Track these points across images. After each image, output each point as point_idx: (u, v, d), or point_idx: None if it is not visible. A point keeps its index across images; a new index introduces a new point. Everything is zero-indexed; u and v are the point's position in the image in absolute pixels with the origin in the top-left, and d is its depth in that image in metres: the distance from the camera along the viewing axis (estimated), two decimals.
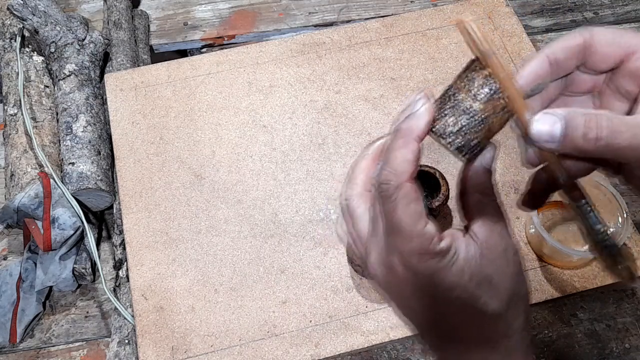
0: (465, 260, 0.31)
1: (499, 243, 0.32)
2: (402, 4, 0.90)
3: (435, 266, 0.30)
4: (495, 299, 0.31)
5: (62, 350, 0.63)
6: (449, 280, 0.30)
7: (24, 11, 0.73)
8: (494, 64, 0.30)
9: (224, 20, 0.89)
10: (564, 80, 0.35)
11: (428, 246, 0.30)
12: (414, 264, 0.30)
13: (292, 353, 0.58)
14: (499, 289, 0.31)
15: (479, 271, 0.31)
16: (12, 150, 0.69)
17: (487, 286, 0.31)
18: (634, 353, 0.61)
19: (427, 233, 0.30)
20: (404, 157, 0.30)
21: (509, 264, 0.32)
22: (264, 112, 0.72)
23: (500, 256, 0.31)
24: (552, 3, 0.89)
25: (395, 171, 0.30)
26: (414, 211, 0.30)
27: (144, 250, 0.64)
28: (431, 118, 0.30)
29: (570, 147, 0.29)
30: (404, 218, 0.30)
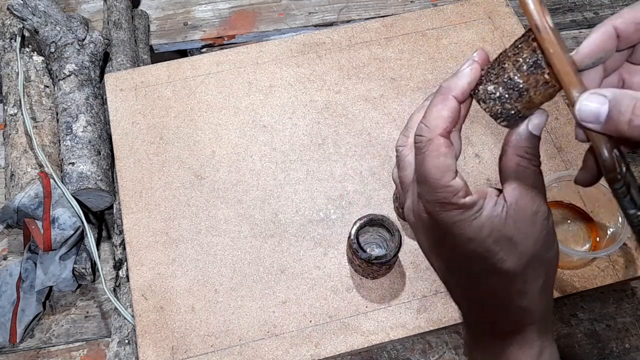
0: (488, 217, 0.32)
1: (529, 206, 0.32)
2: (402, 4, 0.90)
3: (457, 217, 0.32)
4: (512, 257, 0.32)
5: (62, 350, 0.63)
6: (467, 232, 0.32)
7: (24, 11, 0.73)
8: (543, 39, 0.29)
9: (224, 20, 0.89)
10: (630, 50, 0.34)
11: (452, 198, 0.31)
12: (436, 212, 0.32)
13: (292, 353, 0.58)
14: (518, 248, 0.32)
15: (500, 229, 0.32)
16: (12, 150, 0.69)
17: (506, 244, 0.32)
18: (634, 353, 0.61)
19: (452, 186, 0.31)
20: (439, 113, 0.32)
21: (535, 227, 0.32)
22: (264, 112, 0.72)
23: (527, 218, 0.32)
24: (552, 3, 0.89)
25: (429, 125, 0.32)
26: (442, 164, 0.31)
27: (144, 250, 0.64)
28: (473, 79, 0.32)
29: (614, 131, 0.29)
30: (432, 170, 0.31)
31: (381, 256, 0.57)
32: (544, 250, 0.33)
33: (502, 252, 0.32)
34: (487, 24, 0.79)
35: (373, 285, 0.61)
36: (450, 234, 0.33)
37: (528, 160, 0.32)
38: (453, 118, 0.32)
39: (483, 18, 0.79)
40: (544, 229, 0.33)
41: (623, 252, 0.63)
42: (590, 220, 0.64)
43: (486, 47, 0.77)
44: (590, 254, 0.60)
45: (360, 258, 0.57)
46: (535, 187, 0.32)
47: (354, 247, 0.57)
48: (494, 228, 0.32)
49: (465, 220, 0.32)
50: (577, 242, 0.64)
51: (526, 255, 0.32)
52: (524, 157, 0.32)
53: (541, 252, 0.33)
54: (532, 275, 0.33)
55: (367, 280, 0.62)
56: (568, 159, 0.69)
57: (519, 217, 0.32)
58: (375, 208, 0.66)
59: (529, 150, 0.32)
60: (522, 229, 0.32)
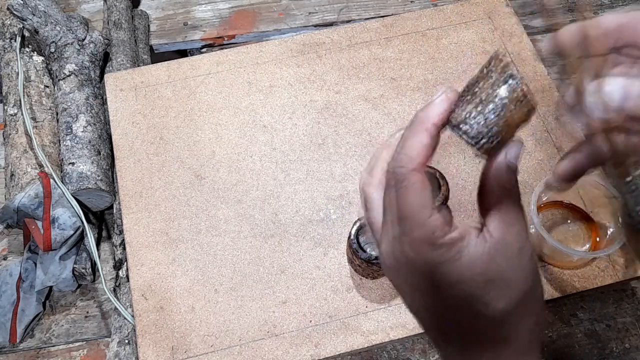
0: (472, 257, 0.30)
1: (514, 243, 0.30)
2: (402, 4, 0.90)
3: (439, 258, 0.30)
4: (501, 299, 0.30)
5: (62, 350, 0.63)
6: (451, 274, 0.30)
7: (24, 11, 0.73)
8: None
9: (224, 20, 0.89)
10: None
11: (432, 236, 0.29)
12: (417, 253, 0.30)
13: (292, 353, 0.58)
14: (507, 289, 0.30)
15: (485, 269, 0.30)
16: (12, 150, 0.69)
17: (493, 285, 0.30)
18: (634, 353, 0.61)
19: (432, 222, 0.29)
20: (417, 144, 0.30)
21: (522, 266, 0.30)
22: (264, 112, 0.72)
23: (513, 256, 0.30)
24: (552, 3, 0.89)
25: (407, 157, 0.30)
26: (420, 201, 0.29)
27: (144, 250, 0.64)
28: (448, 107, 0.30)
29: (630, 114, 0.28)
30: (409, 209, 0.30)
31: None
32: (534, 287, 0.31)
33: (490, 294, 0.30)
34: (487, 24, 0.79)
35: (373, 285, 0.61)
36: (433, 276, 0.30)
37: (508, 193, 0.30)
38: (426, 151, 0.30)
39: (483, 18, 0.79)
40: (530, 267, 0.31)
41: (623, 252, 0.63)
42: (590, 220, 0.64)
43: (486, 47, 0.77)
44: (590, 254, 0.60)
45: (360, 258, 0.57)
46: (516, 221, 0.31)
47: (354, 247, 0.57)
48: (479, 269, 0.30)
49: (448, 261, 0.29)
50: (577, 242, 0.64)
51: (516, 297, 0.30)
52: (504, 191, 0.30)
53: (531, 289, 0.31)
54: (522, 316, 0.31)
55: (367, 280, 0.62)
56: None
57: (505, 256, 0.30)
58: None
59: (509, 183, 0.30)
60: (509, 269, 0.30)
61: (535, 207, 0.58)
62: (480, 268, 0.30)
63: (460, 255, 0.30)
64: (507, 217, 0.30)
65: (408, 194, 0.30)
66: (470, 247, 0.30)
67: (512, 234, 0.30)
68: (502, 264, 0.30)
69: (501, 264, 0.30)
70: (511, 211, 0.30)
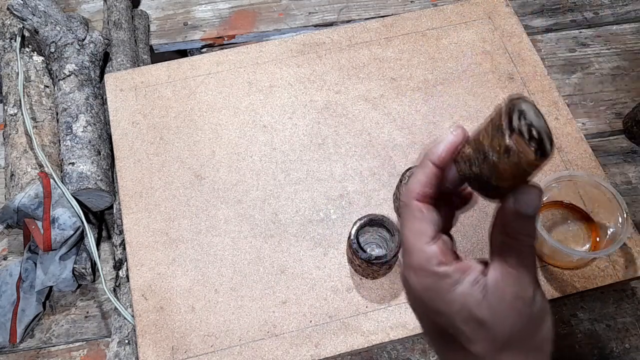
0: (462, 294, 0.30)
1: (510, 289, 0.30)
2: (402, 4, 0.90)
3: (430, 285, 0.31)
4: (482, 341, 0.30)
5: (62, 350, 0.63)
6: (437, 303, 0.31)
7: (24, 11, 0.73)
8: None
9: (224, 20, 0.89)
10: None
11: (426, 263, 0.31)
12: (410, 276, 0.32)
13: (292, 353, 0.58)
14: (490, 333, 0.30)
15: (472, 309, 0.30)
16: (12, 150, 0.69)
17: (475, 326, 0.30)
18: (634, 353, 0.61)
19: (428, 251, 0.31)
20: (417, 178, 0.32)
21: (514, 313, 0.30)
22: (264, 112, 0.72)
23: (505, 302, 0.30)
24: (552, 3, 0.89)
25: (408, 190, 0.32)
26: (417, 228, 0.31)
27: (144, 250, 0.64)
28: (452, 145, 0.31)
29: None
30: (407, 233, 0.32)
31: (381, 256, 0.57)
32: (525, 337, 0.31)
33: (471, 333, 0.30)
34: (487, 24, 0.79)
35: (373, 285, 0.61)
36: (421, 301, 0.32)
37: (514, 239, 0.30)
38: (429, 182, 0.31)
39: (483, 18, 0.79)
40: (526, 315, 0.30)
41: (623, 252, 0.63)
42: (590, 220, 0.64)
43: (486, 47, 0.77)
44: (590, 254, 0.60)
45: (360, 258, 0.57)
46: (518, 267, 0.30)
47: (354, 247, 0.57)
48: (465, 306, 0.30)
49: (437, 290, 0.30)
50: (577, 242, 0.64)
51: (499, 342, 0.30)
52: (509, 236, 0.30)
53: (521, 339, 0.31)
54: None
55: (367, 280, 0.62)
56: (568, 159, 0.69)
57: (497, 301, 0.30)
58: (375, 208, 0.66)
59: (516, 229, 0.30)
60: (498, 314, 0.30)
61: None
62: (461, 307, 0.30)
63: (453, 288, 0.30)
64: (509, 262, 0.30)
65: (408, 222, 0.32)
66: (461, 286, 0.30)
67: (509, 281, 0.30)
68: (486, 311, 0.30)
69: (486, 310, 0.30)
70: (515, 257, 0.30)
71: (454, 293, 0.30)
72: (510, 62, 0.76)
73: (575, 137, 0.70)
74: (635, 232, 0.64)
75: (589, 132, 0.76)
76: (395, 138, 0.70)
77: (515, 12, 0.80)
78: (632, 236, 0.63)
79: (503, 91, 0.73)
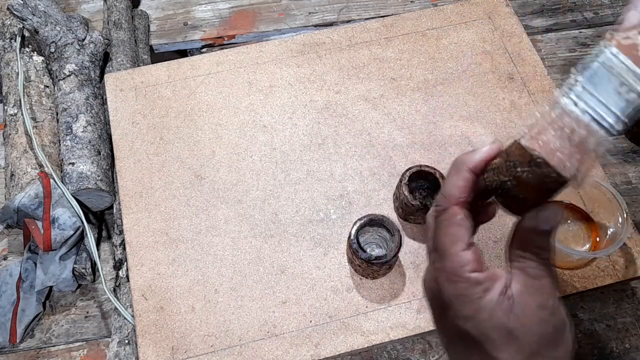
0: (491, 302, 0.31)
1: (532, 300, 0.31)
2: (402, 4, 0.90)
3: (460, 291, 0.32)
4: (510, 349, 0.31)
5: (62, 350, 0.63)
6: (467, 309, 0.31)
7: (24, 11, 0.73)
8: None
9: (224, 20, 0.89)
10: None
11: (459, 269, 0.31)
12: (442, 281, 0.32)
13: (292, 353, 0.58)
14: (518, 342, 0.31)
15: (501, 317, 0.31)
16: (12, 150, 0.69)
17: (505, 334, 0.31)
18: (634, 353, 0.61)
19: (461, 257, 0.32)
20: (454, 183, 0.33)
21: (539, 323, 0.31)
22: (264, 112, 0.72)
23: (530, 313, 0.31)
24: (552, 3, 0.89)
25: (445, 195, 0.33)
26: (454, 233, 0.32)
27: (144, 250, 0.64)
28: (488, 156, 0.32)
29: None
30: (442, 237, 0.32)
31: (381, 256, 0.57)
32: (550, 348, 0.32)
33: (499, 341, 0.31)
34: (487, 24, 0.79)
35: (373, 285, 0.61)
36: (452, 307, 0.32)
37: (533, 253, 0.31)
38: (467, 188, 0.32)
39: (483, 18, 0.79)
40: (551, 324, 0.31)
41: (623, 252, 0.63)
42: (590, 220, 0.64)
43: (486, 47, 0.77)
44: (590, 254, 0.60)
45: (360, 258, 0.57)
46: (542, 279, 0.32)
47: (354, 247, 0.57)
48: (494, 314, 0.31)
49: (468, 296, 0.31)
50: (577, 242, 0.64)
51: (526, 351, 0.31)
52: (527, 250, 0.31)
53: (545, 349, 0.31)
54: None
55: (367, 280, 0.62)
56: None
57: (523, 311, 0.31)
58: (375, 208, 0.66)
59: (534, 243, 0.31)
60: (526, 324, 0.31)
61: None
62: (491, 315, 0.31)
63: (484, 295, 0.31)
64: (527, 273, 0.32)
65: (445, 227, 0.32)
66: (491, 294, 0.31)
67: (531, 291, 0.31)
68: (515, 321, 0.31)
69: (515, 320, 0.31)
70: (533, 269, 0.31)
71: (484, 300, 0.31)
72: (510, 62, 0.76)
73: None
74: (635, 232, 0.64)
75: None
76: (395, 138, 0.70)
77: (515, 12, 0.80)
78: (632, 236, 0.63)
79: (503, 91, 0.73)
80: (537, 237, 0.31)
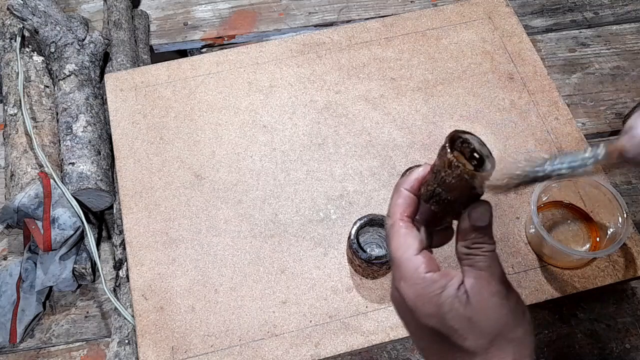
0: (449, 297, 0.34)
1: (485, 288, 0.34)
2: (402, 4, 0.90)
3: (420, 291, 0.34)
4: (472, 335, 0.34)
5: (62, 350, 0.63)
6: (427, 307, 0.34)
7: (24, 11, 0.73)
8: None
9: (224, 20, 0.89)
10: None
11: (414, 271, 0.35)
12: (401, 286, 0.35)
13: (292, 353, 0.58)
14: (477, 328, 0.34)
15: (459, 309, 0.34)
16: (12, 150, 0.69)
17: (465, 323, 0.34)
18: (634, 353, 0.61)
19: (414, 260, 0.35)
20: (394, 202, 0.37)
21: (494, 307, 0.34)
22: (264, 112, 0.72)
23: (485, 300, 0.34)
24: (552, 3, 0.89)
25: (389, 214, 0.37)
26: (403, 242, 0.36)
27: (144, 250, 0.64)
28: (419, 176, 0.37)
29: None
30: (394, 248, 0.36)
31: (381, 256, 0.57)
32: (508, 329, 0.34)
33: (462, 330, 0.34)
34: (487, 24, 0.79)
35: (373, 285, 0.61)
36: (415, 308, 0.35)
37: (476, 248, 0.35)
38: (406, 204, 0.37)
39: (483, 18, 0.79)
40: (505, 308, 0.34)
41: (623, 252, 0.63)
42: (590, 220, 0.64)
43: (486, 47, 0.77)
44: (590, 254, 0.60)
45: (360, 258, 0.57)
46: (489, 269, 0.34)
47: (354, 247, 0.57)
48: (454, 307, 0.34)
49: (427, 294, 0.34)
50: (577, 242, 0.64)
51: (488, 335, 0.34)
52: (469, 247, 0.35)
53: (505, 331, 0.34)
54: (498, 355, 0.34)
55: (367, 280, 0.62)
56: None
57: (478, 300, 0.34)
58: (375, 208, 0.66)
59: (475, 240, 0.34)
60: (482, 310, 0.34)
61: (535, 207, 0.58)
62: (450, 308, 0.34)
63: (441, 292, 0.34)
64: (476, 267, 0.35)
65: (394, 239, 0.36)
66: (450, 288, 0.34)
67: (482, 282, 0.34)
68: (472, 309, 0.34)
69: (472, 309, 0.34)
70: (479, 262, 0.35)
71: (442, 296, 0.34)
72: (510, 62, 0.76)
73: (575, 137, 0.70)
74: (635, 232, 0.64)
75: (589, 132, 0.76)
76: (395, 138, 0.70)
77: (515, 12, 0.80)
78: (632, 236, 0.63)
79: (503, 91, 0.73)
80: (476, 234, 0.34)
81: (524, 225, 0.65)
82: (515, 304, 0.35)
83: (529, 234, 0.64)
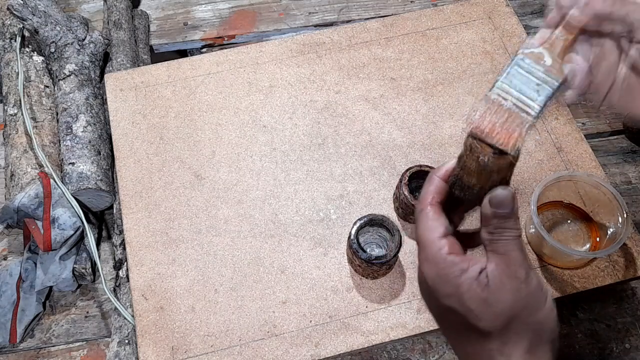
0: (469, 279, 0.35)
1: (505, 271, 0.35)
2: (402, 4, 0.90)
3: (441, 271, 0.36)
4: (487, 316, 0.35)
5: (62, 350, 0.63)
6: (447, 287, 0.35)
7: (24, 11, 0.73)
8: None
9: (224, 20, 0.89)
10: None
11: (437, 252, 0.36)
12: (425, 267, 0.37)
13: (292, 353, 0.58)
14: (493, 309, 0.35)
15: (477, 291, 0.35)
16: (12, 150, 0.69)
17: (481, 303, 0.35)
18: (634, 353, 0.61)
19: (438, 242, 0.36)
20: (426, 189, 0.39)
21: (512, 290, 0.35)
22: (264, 112, 0.72)
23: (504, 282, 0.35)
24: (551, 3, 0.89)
25: (420, 200, 0.39)
26: (430, 225, 0.37)
27: (144, 250, 0.64)
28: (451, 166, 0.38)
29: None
30: (422, 231, 0.37)
31: (381, 256, 0.57)
32: (526, 313, 0.35)
33: (477, 311, 0.35)
34: (487, 24, 0.79)
35: (373, 285, 0.61)
36: (436, 288, 0.36)
37: (497, 234, 0.35)
38: (437, 191, 0.38)
39: (483, 18, 0.79)
40: (523, 292, 0.35)
41: (623, 252, 0.63)
42: (590, 220, 0.64)
43: (486, 47, 0.77)
44: (590, 254, 0.60)
45: (360, 258, 0.57)
46: (511, 253, 0.35)
47: (354, 247, 0.57)
48: (472, 289, 0.35)
49: (448, 275, 0.35)
50: (577, 242, 0.64)
51: (503, 317, 0.35)
52: (493, 232, 0.35)
53: (523, 315, 0.35)
54: (514, 338, 0.35)
55: (367, 280, 0.62)
56: (568, 159, 0.69)
57: (495, 282, 0.35)
58: (375, 208, 0.66)
59: (497, 225, 0.35)
60: (498, 292, 0.35)
61: (535, 207, 0.58)
62: (468, 289, 0.35)
63: (461, 274, 0.35)
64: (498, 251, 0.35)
65: (422, 223, 0.37)
66: (471, 272, 0.35)
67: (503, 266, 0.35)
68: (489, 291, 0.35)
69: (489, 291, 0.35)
70: (502, 247, 0.35)
71: (462, 278, 0.35)
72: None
73: (575, 137, 0.70)
74: (635, 232, 0.64)
75: (589, 132, 0.76)
76: (395, 138, 0.70)
77: (515, 12, 0.80)
78: (632, 236, 0.63)
79: None
80: (498, 220, 0.35)
81: (524, 225, 0.65)
82: (536, 288, 0.35)
83: (529, 234, 0.64)
